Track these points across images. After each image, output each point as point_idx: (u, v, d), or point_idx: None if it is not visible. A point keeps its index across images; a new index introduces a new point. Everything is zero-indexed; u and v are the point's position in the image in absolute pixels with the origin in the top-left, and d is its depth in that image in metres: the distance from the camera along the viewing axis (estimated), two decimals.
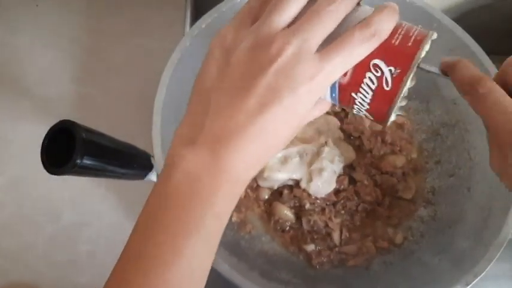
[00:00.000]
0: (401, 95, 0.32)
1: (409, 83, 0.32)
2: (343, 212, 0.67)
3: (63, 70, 0.80)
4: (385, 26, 0.31)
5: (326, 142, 0.67)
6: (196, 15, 0.82)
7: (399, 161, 0.70)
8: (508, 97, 0.34)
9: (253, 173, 0.35)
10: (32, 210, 0.70)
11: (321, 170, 0.65)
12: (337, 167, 0.67)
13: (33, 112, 0.77)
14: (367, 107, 0.34)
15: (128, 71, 0.79)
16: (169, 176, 0.33)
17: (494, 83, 0.34)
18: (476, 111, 0.36)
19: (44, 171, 0.50)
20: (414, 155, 0.71)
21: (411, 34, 0.32)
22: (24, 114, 0.77)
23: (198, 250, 0.33)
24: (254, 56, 0.32)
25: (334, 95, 0.35)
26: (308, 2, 0.33)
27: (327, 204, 0.67)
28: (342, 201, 0.67)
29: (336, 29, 0.32)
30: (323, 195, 0.66)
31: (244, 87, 0.32)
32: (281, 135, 0.34)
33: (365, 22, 0.31)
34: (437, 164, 0.70)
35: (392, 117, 0.35)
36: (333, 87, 0.34)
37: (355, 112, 0.36)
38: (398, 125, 0.73)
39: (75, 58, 0.81)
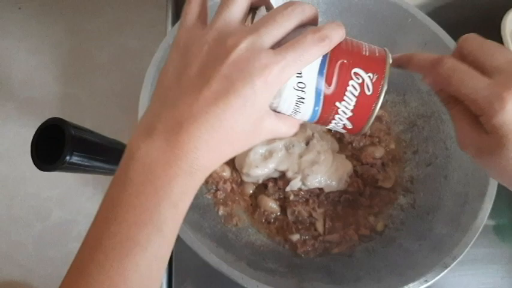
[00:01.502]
0: (382, 97, 0.36)
1: (386, 86, 0.36)
2: (326, 202, 0.68)
3: (48, 71, 0.81)
4: (335, 33, 0.34)
5: (313, 134, 0.69)
6: (178, 15, 0.83)
7: (378, 152, 0.71)
8: (471, 68, 0.36)
9: (211, 165, 0.36)
10: (20, 210, 0.71)
11: (313, 163, 0.67)
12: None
13: (19, 113, 0.78)
14: (350, 114, 0.37)
15: (112, 70, 0.80)
16: (126, 167, 0.34)
17: (454, 59, 0.37)
18: (443, 89, 0.39)
19: (32, 170, 0.51)
20: (392, 146, 0.73)
21: (373, 48, 0.37)
22: (10, 115, 0.78)
23: (154, 240, 0.33)
24: (210, 50, 0.34)
25: (317, 108, 0.37)
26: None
27: (310, 196, 0.68)
28: (325, 192, 0.69)
29: (290, 36, 0.35)
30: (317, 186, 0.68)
31: (200, 79, 0.33)
32: (238, 127, 0.34)
33: (318, 28, 0.34)
34: (414, 154, 0.72)
35: (370, 122, 0.38)
36: (317, 98, 0.36)
37: (331, 126, 0.39)
38: (376, 118, 0.74)
39: (59, 59, 0.82)
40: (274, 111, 0.37)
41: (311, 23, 0.36)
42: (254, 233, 0.67)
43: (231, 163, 0.71)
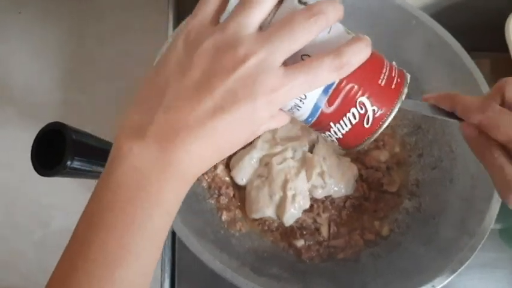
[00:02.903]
0: (379, 132, 0.34)
1: (387, 123, 0.34)
2: (330, 207, 0.68)
3: (49, 76, 0.81)
4: (356, 59, 0.32)
5: (318, 138, 0.69)
6: (179, 19, 0.83)
7: (383, 155, 0.71)
8: None
9: (200, 172, 0.35)
10: (21, 217, 0.70)
11: (294, 196, 0.65)
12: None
13: (19, 119, 0.77)
14: (340, 136, 0.35)
15: (113, 75, 0.79)
16: (115, 170, 0.32)
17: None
18: (489, 133, 0.38)
19: (32, 176, 0.51)
20: (397, 149, 0.73)
21: (393, 75, 0.34)
22: (10, 121, 0.77)
23: (146, 247, 0.32)
24: (218, 57, 0.32)
25: (310, 119, 0.35)
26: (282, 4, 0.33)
27: (315, 201, 0.68)
28: (330, 198, 0.68)
29: (306, 47, 0.32)
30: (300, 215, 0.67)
31: (203, 87, 0.31)
32: (233, 140, 0.33)
33: (338, 51, 0.31)
34: (420, 157, 0.71)
35: (358, 149, 0.37)
36: (313, 112, 0.34)
37: (322, 135, 0.37)
38: None
39: (59, 64, 0.81)
40: None
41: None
42: (258, 239, 0.66)
43: None
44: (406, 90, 0.34)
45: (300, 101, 0.34)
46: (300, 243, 0.65)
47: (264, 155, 0.69)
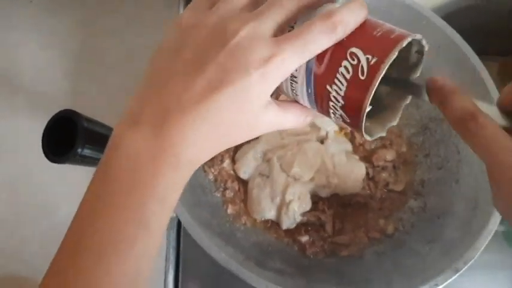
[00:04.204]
0: (376, 83, 0.29)
1: (384, 70, 0.29)
2: (335, 204, 0.68)
3: (58, 67, 0.81)
4: (352, 17, 0.30)
5: (327, 134, 0.69)
6: None
7: (389, 154, 0.71)
8: (500, 132, 0.31)
9: (200, 159, 0.33)
10: (28, 206, 0.70)
11: (289, 203, 0.65)
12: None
13: (28, 109, 0.77)
14: (342, 102, 0.31)
15: (123, 67, 0.79)
16: (110, 158, 0.31)
17: (487, 118, 0.31)
18: (468, 145, 0.33)
19: (40, 166, 0.51)
20: (404, 149, 0.73)
21: (395, 30, 0.31)
22: (20, 111, 0.77)
23: (140, 237, 0.31)
24: (209, 36, 0.31)
25: (310, 91, 0.32)
26: None
27: (320, 198, 0.68)
28: (336, 195, 0.68)
29: (302, 19, 0.31)
30: (300, 218, 0.67)
31: (195, 65, 0.31)
32: (230, 121, 0.31)
33: (328, 12, 0.30)
34: (426, 157, 0.71)
35: (379, 134, 0.34)
36: (308, 79, 0.32)
37: (333, 118, 0.34)
38: None
39: (69, 55, 0.82)
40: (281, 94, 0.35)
41: None
42: (262, 233, 0.67)
43: None
44: (410, 39, 0.30)
45: (295, 70, 0.32)
46: (304, 238, 0.65)
47: (268, 149, 0.69)
